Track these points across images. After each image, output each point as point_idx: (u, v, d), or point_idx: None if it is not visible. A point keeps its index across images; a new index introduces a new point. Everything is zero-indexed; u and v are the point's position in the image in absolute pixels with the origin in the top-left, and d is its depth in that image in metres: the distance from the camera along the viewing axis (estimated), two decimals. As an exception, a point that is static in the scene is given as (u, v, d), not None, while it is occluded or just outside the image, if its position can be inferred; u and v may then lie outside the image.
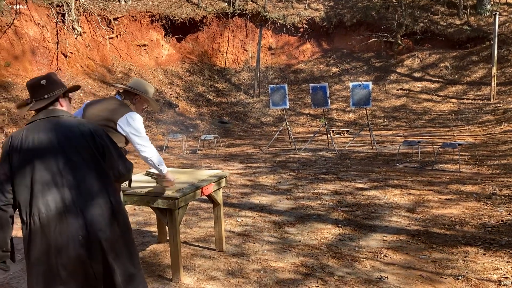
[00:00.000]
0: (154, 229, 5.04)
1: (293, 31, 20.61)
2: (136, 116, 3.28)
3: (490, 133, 11.51)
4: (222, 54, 20.39)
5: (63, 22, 14.33)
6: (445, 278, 3.54)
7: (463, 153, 9.09)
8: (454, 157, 8.83)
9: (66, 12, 14.43)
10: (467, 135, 11.67)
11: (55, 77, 2.35)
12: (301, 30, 20.68)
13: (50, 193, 2.11)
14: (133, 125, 3.22)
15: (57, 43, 13.70)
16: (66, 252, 2.09)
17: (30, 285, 2.14)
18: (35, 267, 2.11)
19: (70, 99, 2.44)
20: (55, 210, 2.09)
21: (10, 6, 12.46)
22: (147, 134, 3.31)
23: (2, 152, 2.19)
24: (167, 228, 4.26)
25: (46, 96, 2.26)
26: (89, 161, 2.21)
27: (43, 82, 2.27)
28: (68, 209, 2.10)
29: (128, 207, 5.00)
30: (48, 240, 2.08)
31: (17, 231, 5.35)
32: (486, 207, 5.45)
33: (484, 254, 3.98)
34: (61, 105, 2.33)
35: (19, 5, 12.53)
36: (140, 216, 5.65)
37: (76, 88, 2.55)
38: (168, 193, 3.41)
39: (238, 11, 20.32)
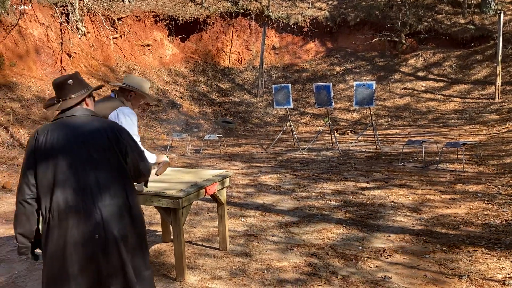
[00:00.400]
0: (158, 228, 5.05)
1: (296, 30, 20.59)
2: (127, 111, 3.26)
3: (495, 133, 11.46)
4: (226, 54, 20.39)
5: (67, 22, 14.37)
6: (449, 278, 3.54)
7: (467, 153, 9.06)
8: (458, 156, 8.81)
9: (70, 12, 14.47)
10: (471, 135, 11.63)
11: (80, 76, 2.41)
12: (305, 29, 20.65)
13: (70, 190, 2.15)
14: (122, 120, 3.20)
15: (61, 43, 13.75)
16: (81, 249, 2.13)
17: (43, 277, 2.19)
18: (50, 261, 2.15)
19: (94, 98, 2.50)
20: (74, 207, 2.14)
21: (15, 7, 12.51)
22: (150, 134, 3.31)
23: (28, 147, 2.23)
24: (171, 227, 4.28)
25: (73, 96, 2.32)
26: (111, 161, 2.25)
27: (70, 82, 2.32)
28: (86, 207, 2.14)
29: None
30: (65, 236, 2.12)
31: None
32: (490, 206, 5.43)
33: (488, 254, 3.97)
34: (87, 105, 2.39)
35: (24, 6, 12.59)
36: (144, 215, 5.67)
37: (99, 87, 2.62)
38: (172, 192, 3.43)
39: (242, 11, 20.32)
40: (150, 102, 4.01)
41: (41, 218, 2.21)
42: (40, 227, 2.23)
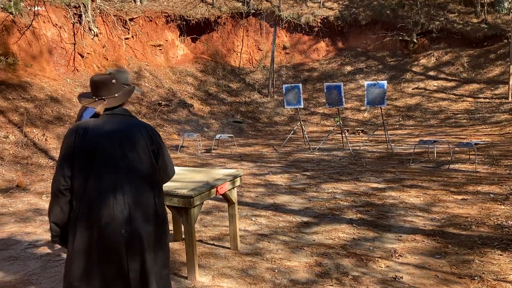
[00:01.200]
0: (170, 227, 5.09)
1: (307, 30, 20.56)
2: None
3: (508, 133, 11.34)
4: (237, 54, 20.44)
5: (80, 23, 14.53)
6: (460, 279, 3.52)
7: (480, 153, 8.98)
8: (471, 157, 8.73)
9: (83, 13, 14.62)
10: (483, 135, 11.52)
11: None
12: (316, 29, 20.61)
13: (103, 185, 2.23)
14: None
15: (74, 44, 13.90)
16: (107, 242, 2.20)
17: (68, 266, 2.24)
18: (76, 251, 2.22)
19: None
20: (104, 201, 2.21)
21: (29, 8, 12.68)
22: (162, 134, 3.34)
23: (66, 141, 2.31)
24: (182, 226, 4.32)
25: (116, 95, 2.42)
26: (144, 161, 2.33)
27: (114, 81, 2.43)
28: (117, 203, 2.22)
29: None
30: (92, 228, 2.20)
31: (35, 228, 5.45)
32: (503, 207, 5.39)
33: (500, 255, 3.94)
34: (123, 105, 2.50)
35: (37, 7, 12.75)
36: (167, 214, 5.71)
37: (133, 89, 2.73)
38: (183, 191, 3.46)
39: (253, 11, 20.34)
40: (136, 91, 4.04)
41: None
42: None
